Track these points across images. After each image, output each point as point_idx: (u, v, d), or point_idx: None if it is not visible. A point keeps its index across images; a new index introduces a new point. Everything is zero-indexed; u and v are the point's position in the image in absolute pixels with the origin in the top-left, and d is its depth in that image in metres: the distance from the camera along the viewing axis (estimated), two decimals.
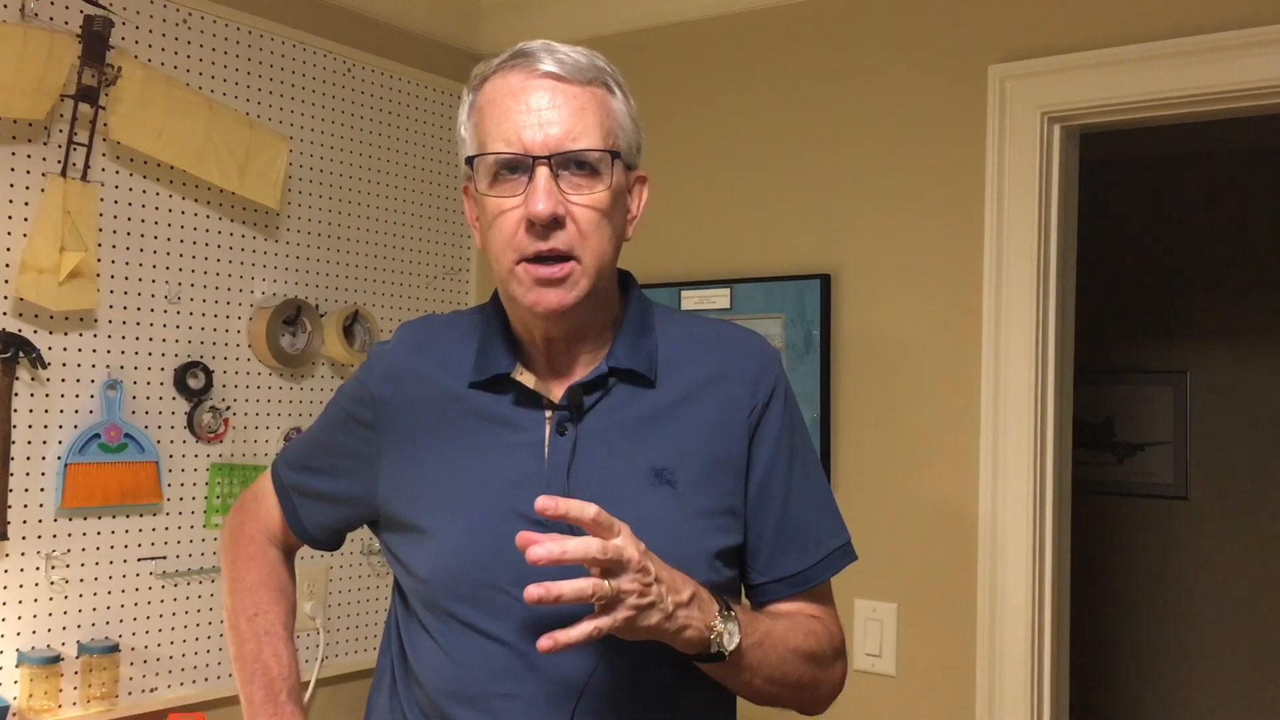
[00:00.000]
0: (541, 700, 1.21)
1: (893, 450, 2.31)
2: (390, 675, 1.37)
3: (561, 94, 1.19)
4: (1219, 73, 2.02)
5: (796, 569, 1.30)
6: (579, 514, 1.07)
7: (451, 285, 2.82)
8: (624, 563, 1.06)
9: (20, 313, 2.01)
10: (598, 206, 1.19)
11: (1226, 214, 3.93)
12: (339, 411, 1.41)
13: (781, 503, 1.29)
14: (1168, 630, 4.02)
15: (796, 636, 1.25)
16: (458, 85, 2.80)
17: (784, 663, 1.23)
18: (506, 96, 1.20)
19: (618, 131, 1.23)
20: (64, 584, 2.07)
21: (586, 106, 1.20)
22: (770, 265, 2.46)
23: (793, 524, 1.30)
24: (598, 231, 1.20)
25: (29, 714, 1.98)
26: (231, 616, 1.44)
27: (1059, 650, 2.21)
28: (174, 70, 2.23)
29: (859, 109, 2.39)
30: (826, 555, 1.31)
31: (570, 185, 1.18)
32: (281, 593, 1.45)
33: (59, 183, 2.03)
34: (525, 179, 1.18)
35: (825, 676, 1.30)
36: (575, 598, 1.04)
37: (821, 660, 1.29)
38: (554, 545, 1.04)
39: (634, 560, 1.07)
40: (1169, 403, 4.05)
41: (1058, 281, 2.20)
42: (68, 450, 2.05)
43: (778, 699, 1.27)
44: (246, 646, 1.40)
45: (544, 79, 1.20)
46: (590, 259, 1.20)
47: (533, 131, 1.18)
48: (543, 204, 1.16)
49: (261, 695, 1.36)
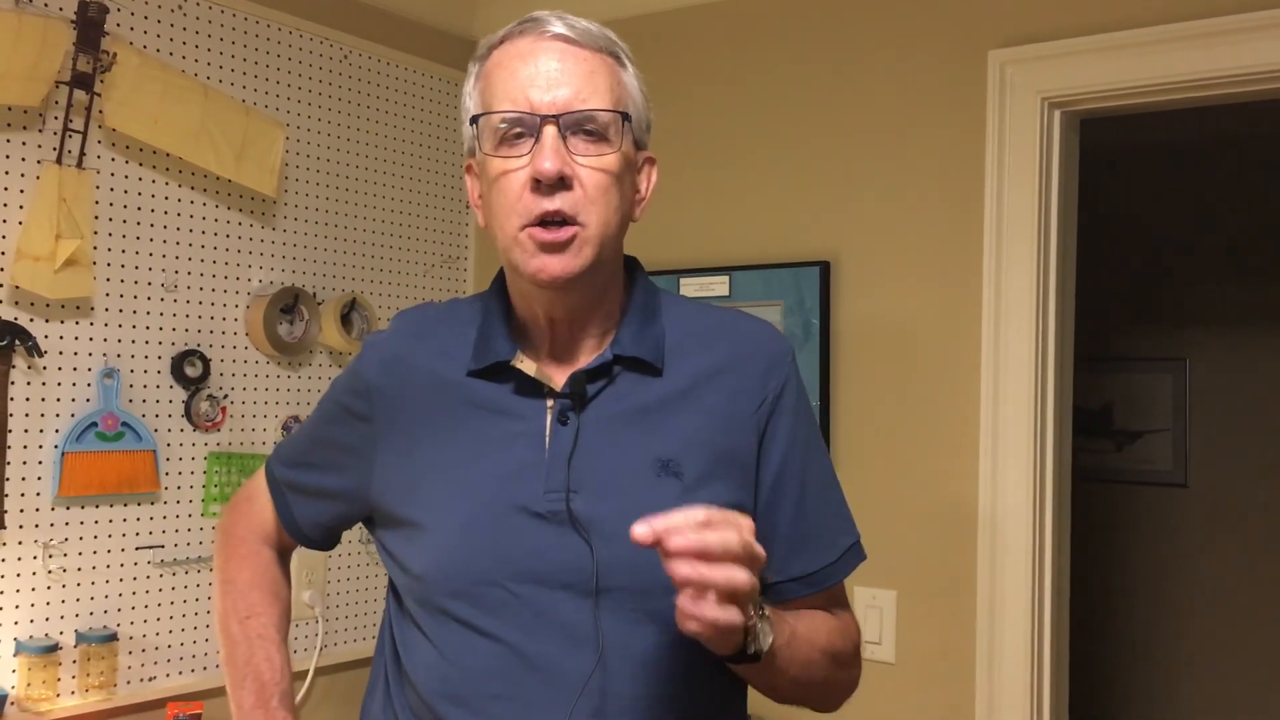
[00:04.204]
0: (538, 702, 1.16)
1: (892, 437, 2.30)
2: (384, 681, 1.32)
3: (572, 57, 1.17)
4: (1221, 57, 2.01)
5: (812, 568, 1.25)
6: (685, 522, 0.96)
7: (449, 273, 2.81)
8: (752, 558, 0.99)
9: (16, 301, 2.00)
10: (606, 169, 1.16)
11: (1228, 200, 3.92)
12: (333, 404, 1.37)
13: (796, 501, 1.25)
14: (1167, 617, 4.03)
15: (821, 636, 1.22)
16: (454, 72, 2.79)
17: (810, 662, 1.19)
18: (514, 59, 1.18)
19: (627, 101, 1.20)
20: (62, 573, 2.06)
21: (597, 70, 1.17)
22: (769, 252, 2.46)
23: (807, 522, 1.26)
24: (605, 197, 1.16)
25: (27, 703, 1.98)
26: (223, 619, 1.40)
27: (1058, 637, 2.21)
28: (169, 57, 2.22)
29: (858, 95, 2.38)
30: (841, 555, 1.27)
31: (578, 148, 1.15)
32: (275, 595, 1.41)
33: (54, 170, 2.02)
34: (531, 140, 1.15)
35: (845, 676, 1.28)
36: (721, 550, 0.96)
37: (843, 660, 1.26)
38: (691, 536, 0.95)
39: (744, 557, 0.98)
40: (1168, 390, 4.05)
41: (1058, 267, 2.19)
42: (65, 439, 2.05)
43: (797, 697, 1.24)
44: (238, 650, 1.36)
45: (554, 40, 1.17)
46: (595, 225, 1.16)
47: (540, 91, 1.15)
48: (549, 162, 1.12)
49: (252, 701, 1.32)
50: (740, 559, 0.97)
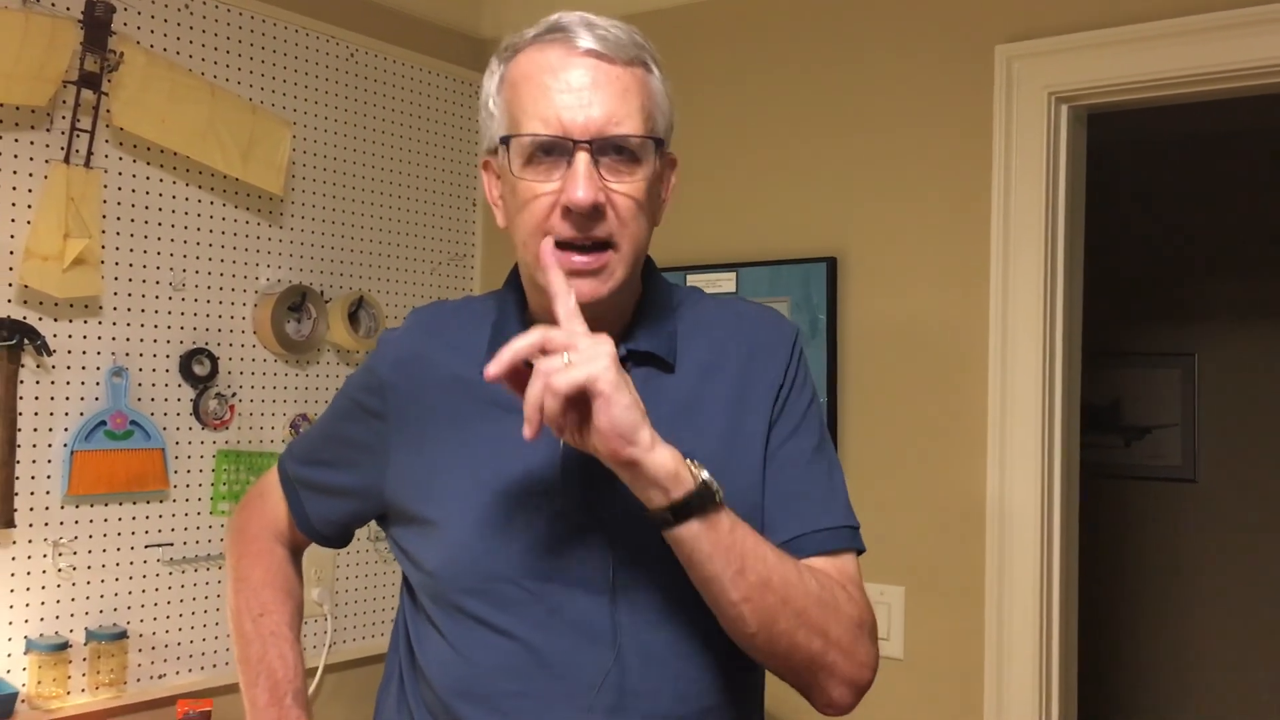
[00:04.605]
0: (554, 699, 1.16)
1: (900, 433, 2.30)
2: (398, 676, 1.33)
3: (604, 73, 1.14)
4: (1229, 51, 2.00)
5: (804, 529, 1.20)
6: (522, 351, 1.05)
7: (456, 271, 2.82)
8: (590, 348, 1.04)
9: (25, 300, 2.01)
10: (637, 196, 1.15)
11: (1236, 194, 3.91)
12: (347, 401, 1.37)
13: (794, 467, 1.23)
14: (1176, 613, 4.02)
15: (797, 565, 1.14)
16: (461, 70, 2.79)
17: (783, 575, 1.10)
18: (544, 73, 1.14)
19: (657, 114, 1.18)
20: (72, 571, 2.07)
21: (630, 88, 1.15)
22: (776, 249, 2.45)
23: (804, 489, 1.23)
24: (636, 220, 1.16)
25: (38, 701, 1.98)
26: (236, 617, 1.40)
27: (1067, 633, 2.21)
28: (176, 56, 2.22)
29: (865, 91, 2.38)
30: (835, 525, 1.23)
31: (610, 171, 1.13)
32: (288, 593, 1.42)
33: (62, 169, 2.03)
34: (562, 162, 1.13)
35: (844, 635, 1.14)
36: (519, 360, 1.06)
37: (834, 608, 1.14)
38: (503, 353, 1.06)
39: (608, 350, 1.04)
40: (1177, 385, 4.04)
41: (1065, 262, 2.19)
42: (74, 437, 2.05)
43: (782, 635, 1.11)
44: (251, 648, 1.37)
45: (585, 56, 1.14)
46: (628, 247, 1.15)
47: (573, 112, 1.12)
48: (584, 191, 1.10)
49: (266, 699, 1.33)
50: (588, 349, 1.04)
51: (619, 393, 1.03)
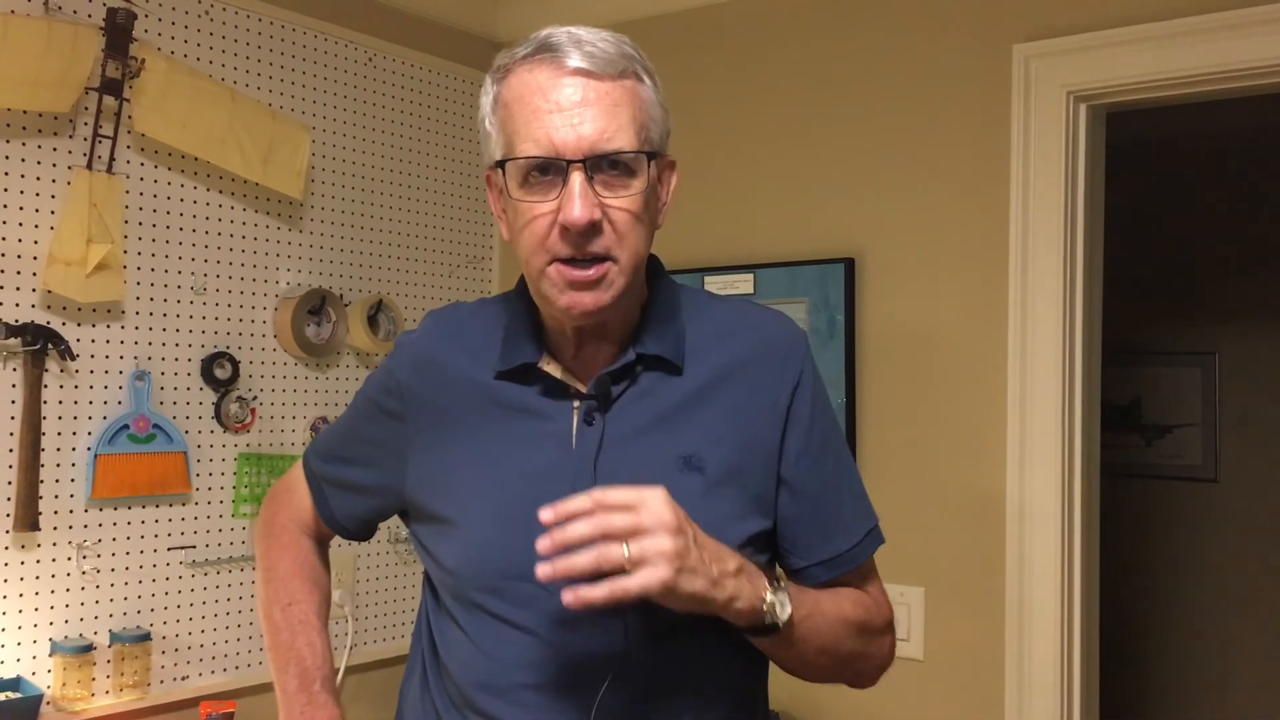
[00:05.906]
0: (569, 690, 1.20)
1: (919, 434, 2.30)
2: (421, 666, 1.36)
3: (593, 90, 1.15)
4: (1247, 49, 1.99)
5: (837, 551, 1.28)
6: (578, 509, 1.06)
7: (475, 274, 2.83)
8: (650, 527, 1.05)
9: (48, 305, 2.03)
10: (632, 208, 1.16)
11: (1256, 193, 3.89)
12: (367, 402, 1.40)
13: (818, 486, 1.27)
14: (1196, 613, 4.00)
15: (845, 606, 1.25)
16: (478, 73, 2.80)
17: (835, 634, 1.23)
18: (534, 94, 1.16)
19: (650, 125, 1.19)
20: (95, 573, 2.09)
21: (620, 102, 1.16)
22: (794, 250, 2.45)
23: (830, 506, 1.28)
24: (634, 231, 1.17)
25: (62, 702, 2.00)
26: (266, 606, 1.44)
27: (1088, 633, 2.20)
28: (197, 62, 2.24)
29: (882, 91, 2.37)
30: (864, 537, 1.30)
31: (605, 186, 1.14)
32: (315, 583, 1.45)
33: (85, 175, 2.04)
34: (558, 181, 1.14)
35: (874, 648, 1.30)
36: (585, 571, 1.04)
37: (870, 630, 1.28)
38: (550, 537, 1.06)
39: (668, 522, 1.05)
40: (1197, 384, 4.02)
41: (1085, 262, 2.18)
42: (97, 441, 2.07)
43: (828, 672, 1.27)
44: (280, 636, 1.40)
45: (574, 75, 1.15)
46: (627, 258, 1.17)
47: (565, 132, 1.13)
48: (579, 210, 1.12)
49: (295, 685, 1.36)
50: (648, 529, 1.05)
51: (692, 578, 1.07)
